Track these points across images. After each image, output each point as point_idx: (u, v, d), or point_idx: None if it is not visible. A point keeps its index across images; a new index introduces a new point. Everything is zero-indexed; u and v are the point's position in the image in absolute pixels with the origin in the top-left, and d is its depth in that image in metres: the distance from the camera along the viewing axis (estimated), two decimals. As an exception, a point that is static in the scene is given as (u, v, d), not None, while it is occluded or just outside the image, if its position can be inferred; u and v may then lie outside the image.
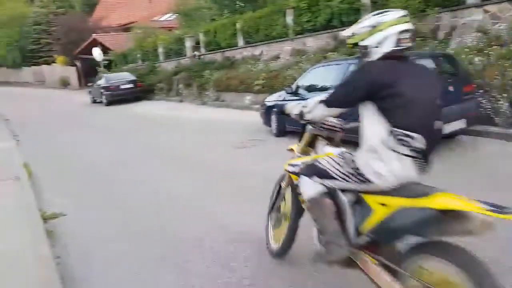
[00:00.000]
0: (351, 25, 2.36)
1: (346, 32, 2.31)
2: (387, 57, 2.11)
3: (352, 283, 2.62)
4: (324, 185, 2.34)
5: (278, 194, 3.18)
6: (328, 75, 6.77)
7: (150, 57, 21.57)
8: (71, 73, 29.58)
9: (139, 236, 3.97)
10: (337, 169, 2.27)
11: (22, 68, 37.27)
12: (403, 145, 2.01)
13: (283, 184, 3.08)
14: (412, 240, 1.99)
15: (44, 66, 33.77)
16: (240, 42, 15.78)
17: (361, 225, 2.20)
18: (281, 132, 7.71)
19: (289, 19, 13.32)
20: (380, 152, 2.06)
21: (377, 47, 2.13)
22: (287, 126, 7.61)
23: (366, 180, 2.13)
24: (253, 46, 15.15)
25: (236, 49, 15.93)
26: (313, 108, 2.36)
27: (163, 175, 6.05)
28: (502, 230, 1.88)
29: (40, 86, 32.91)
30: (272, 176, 3.28)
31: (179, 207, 4.66)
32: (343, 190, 2.33)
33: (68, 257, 3.62)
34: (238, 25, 15.52)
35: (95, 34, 26.56)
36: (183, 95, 16.59)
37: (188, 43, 18.57)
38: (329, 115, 2.40)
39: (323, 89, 6.72)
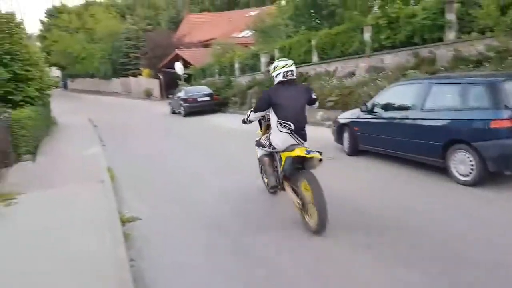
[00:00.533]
0: (434, 42, 2.53)
1: (270, 67, 4.51)
2: (279, 83, 4.36)
3: None
4: (265, 150, 4.73)
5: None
6: (408, 94, 6.41)
7: (226, 72, 22.36)
8: (155, 85, 31.65)
9: (210, 248, 4.07)
10: (265, 142, 4.63)
11: (112, 79, 40.77)
12: (284, 127, 4.25)
13: None
14: (301, 171, 4.22)
15: (131, 78, 36.59)
16: (314, 58, 15.75)
17: (281, 168, 4.49)
18: (354, 151, 7.46)
19: (367, 36, 13.03)
20: (275, 132, 4.36)
21: (276, 77, 4.36)
22: (360, 145, 7.35)
23: (273, 147, 4.47)
24: (327, 62, 15.02)
25: (310, 65, 15.91)
26: (249, 114, 4.75)
27: (236, 188, 6.16)
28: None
29: (126, 96, 35.70)
30: (349, 199, 3.47)
31: (253, 220, 4.72)
32: (276, 152, 4.55)
33: (143, 260, 3.81)
34: (313, 42, 15.52)
35: (177, 50, 28.19)
36: (256, 109, 16.88)
37: (263, 59, 18.97)
38: (258, 116, 4.70)
39: (402, 108, 6.38)
